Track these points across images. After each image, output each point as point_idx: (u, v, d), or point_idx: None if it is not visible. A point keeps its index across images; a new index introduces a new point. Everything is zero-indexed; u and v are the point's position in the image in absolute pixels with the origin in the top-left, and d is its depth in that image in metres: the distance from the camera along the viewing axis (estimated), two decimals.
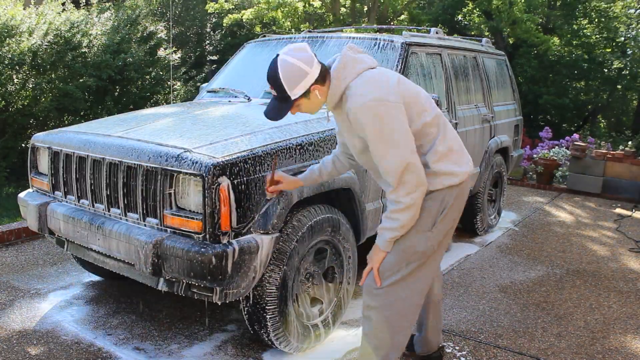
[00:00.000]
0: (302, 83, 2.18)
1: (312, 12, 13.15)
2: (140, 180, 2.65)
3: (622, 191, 7.31)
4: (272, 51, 4.32)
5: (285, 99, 2.22)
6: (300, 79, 2.18)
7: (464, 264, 4.53)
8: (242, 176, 2.53)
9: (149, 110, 3.84)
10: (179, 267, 2.48)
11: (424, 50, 4.13)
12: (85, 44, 7.21)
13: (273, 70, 2.19)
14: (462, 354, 3.06)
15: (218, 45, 13.39)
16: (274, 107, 2.27)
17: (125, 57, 7.60)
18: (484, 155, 5.04)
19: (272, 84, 2.21)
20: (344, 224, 3.10)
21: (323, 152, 3.01)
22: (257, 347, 3.03)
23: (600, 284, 4.24)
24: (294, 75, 2.17)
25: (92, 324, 3.23)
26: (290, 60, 2.18)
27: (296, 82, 2.18)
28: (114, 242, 2.71)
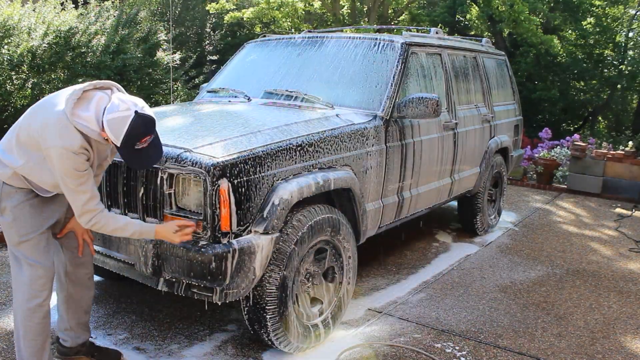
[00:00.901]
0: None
1: (313, 11, 13.15)
2: (140, 180, 2.65)
3: (622, 191, 7.31)
4: (272, 51, 4.32)
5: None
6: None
7: (464, 264, 4.53)
8: (243, 176, 2.53)
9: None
10: (178, 267, 2.48)
11: (424, 50, 4.13)
12: (85, 44, 7.21)
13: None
14: (462, 354, 3.06)
15: (218, 45, 13.39)
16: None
17: (125, 58, 7.60)
18: (484, 155, 5.04)
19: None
20: (344, 224, 3.10)
21: (323, 152, 3.01)
22: (257, 347, 3.03)
23: (600, 284, 4.24)
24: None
25: (92, 324, 3.23)
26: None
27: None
28: (114, 242, 2.71)
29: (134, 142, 2.20)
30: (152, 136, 2.24)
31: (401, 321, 3.42)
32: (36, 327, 2.44)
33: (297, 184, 2.75)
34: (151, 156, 2.28)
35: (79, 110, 2.22)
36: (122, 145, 2.19)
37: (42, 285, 2.42)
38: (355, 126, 3.31)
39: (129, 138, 2.17)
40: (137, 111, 2.18)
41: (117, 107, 2.18)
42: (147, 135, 2.21)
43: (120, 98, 2.22)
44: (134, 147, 2.21)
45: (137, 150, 2.23)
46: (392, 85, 3.64)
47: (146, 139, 2.22)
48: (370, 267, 4.34)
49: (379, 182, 3.51)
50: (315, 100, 3.64)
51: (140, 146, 2.22)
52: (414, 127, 3.81)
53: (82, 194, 2.25)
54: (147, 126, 2.20)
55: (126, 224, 2.36)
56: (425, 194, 4.07)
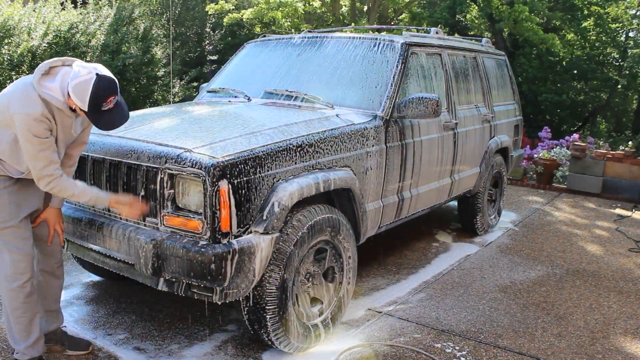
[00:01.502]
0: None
1: (312, 11, 13.14)
2: (140, 180, 2.65)
3: (622, 191, 7.31)
4: (272, 51, 4.32)
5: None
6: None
7: (464, 264, 4.53)
8: (243, 176, 2.53)
9: (148, 110, 3.84)
10: (179, 267, 2.49)
11: (424, 50, 4.13)
12: (84, 44, 7.21)
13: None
14: (462, 354, 3.06)
15: (218, 45, 13.39)
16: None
17: (124, 58, 7.60)
18: (484, 155, 5.04)
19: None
20: (344, 224, 3.10)
21: (323, 152, 3.01)
22: (257, 347, 3.03)
23: (600, 284, 4.24)
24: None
25: (92, 324, 3.23)
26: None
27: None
28: (114, 242, 2.71)
29: (100, 102, 2.32)
30: (115, 97, 2.37)
31: (401, 321, 3.42)
32: (22, 306, 2.58)
33: (297, 184, 2.75)
34: (118, 117, 2.43)
35: (45, 81, 2.38)
36: (89, 108, 2.33)
37: (23, 268, 2.56)
38: (355, 126, 3.31)
39: (94, 99, 2.30)
40: (98, 73, 2.32)
41: (79, 73, 2.33)
42: (111, 96, 2.34)
43: (81, 64, 2.38)
44: (101, 108, 2.34)
45: (104, 111, 2.36)
46: (392, 86, 3.64)
47: (110, 99, 2.34)
48: (370, 267, 4.34)
49: (379, 182, 3.51)
50: (315, 100, 3.64)
51: (106, 107, 2.35)
52: (414, 127, 3.81)
53: (40, 160, 2.37)
54: (109, 86, 2.33)
55: (83, 191, 2.51)
56: (425, 194, 4.07)
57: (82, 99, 2.30)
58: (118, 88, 2.39)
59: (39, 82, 2.36)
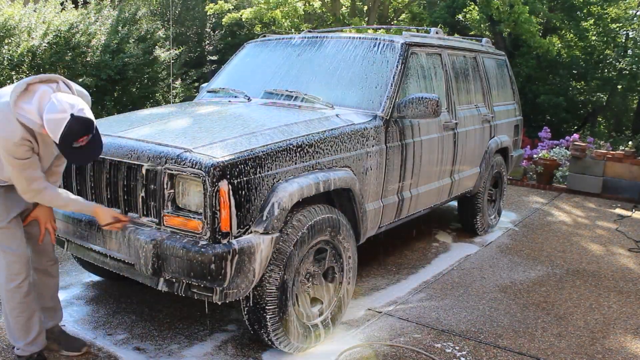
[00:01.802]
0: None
1: (312, 11, 13.14)
2: (140, 180, 2.65)
3: (622, 191, 7.31)
4: (272, 51, 4.32)
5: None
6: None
7: (464, 264, 4.53)
8: (243, 176, 2.53)
9: (148, 110, 3.84)
10: (179, 267, 2.49)
11: (424, 50, 4.13)
12: (85, 44, 7.21)
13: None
14: (462, 354, 3.06)
15: (218, 45, 13.39)
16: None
17: (124, 57, 7.60)
18: (484, 156, 5.04)
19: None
20: (344, 224, 3.10)
21: (323, 152, 3.01)
22: (257, 347, 3.03)
23: (600, 284, 4.24)
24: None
25: (92, 324, 3.23)
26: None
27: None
28: (114, 242, 2.71)
29: (71, 141, 2.29)
30: (89, 136, 2.33)
31: (401, 321, 3.42)
32: (19, 306, 2.62)
33: (297, 184, 2.75)
34: (89, 154, 2.40)
35: (23, 102, 2.32)
36: (60, 143, 2.29)
37: (18, 269, 2.58)
38: (355, 126, 3.31)
39: (65, 138, 2.27)
40: (72, 114, 2.26)
41: (55, 107, 2.26)
42: (84, 136, 2.30)
43: (58, 99, 2.29)
44: (72, 145, 2.31)
45: (75, 148, 2.33)
46: (392, 86, 3.64)
47: (83, 138, 2.31)
48: (370, 267, 4.34)
49: (379, 182, 3.51)
50: (315, 100, 3.64)
51: (78, 145, 2.32)
52: (414, 127, 3.81)
53: (23, 180, 2.41)
54: (83, 128, 2.29)
55: (67, 202, 2.55)
56: (425, 194, 4.07)
57: (54, 135, 2.28)
58: (94, 127, 2.34)
59: (17, 104, 2.30)
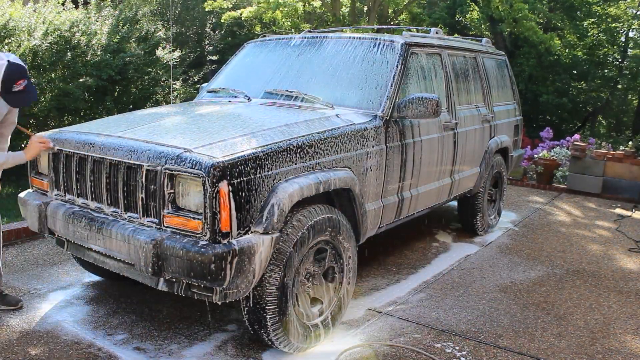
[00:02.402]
0: None
1: (312, 11, 13.13)
2: (140, 180, 2.65)
3: (622, 191, 7.31)
4: (272, 51, 4.32)
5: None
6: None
7: (464, 264, 4.54)
8: (242, 176, 2.53)
9: (149, 110, 3.84)
10: (179, 267, 2.49)
11: (424, 50, 4.13)
12: (85, 43, 7.21)
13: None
14: (462, 354, 3.06)
15: (218, 45, 13.39)
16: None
17: (125, 57, 7.60)
18: (484, 156, 5.04)
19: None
20: (344, 224, 3.10)
21: (323, 152, 3.01)
22: (257, 347, 3.03)
23: (600, 284, 4.24)
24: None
25: (92, 324, 3.23)
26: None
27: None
28: (114, 242, 2.71)
29: (11, 85, 2.87)
30: (25, 80, 2.90)
31: (401, 321, 3.42)
32: None
33: (297, 184, 2.75)
34: (27, 97, 2.97)
35: None
36: (2, 89, 2.86)
37: None
38: (355, 126, 3.31)
39: (5, 81, 2.85)
40: (9, 60, 2.86)
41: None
42: (21, 79, 2.88)
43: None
44: (12, 89, 2.88)
45: (15, 92, 2.91)
46: (392, 86, 3.64)
47: (20, 82, 2.89)
48: (370, 267, 4.34)
49: (379, 183, 3.51)
50: (315, 100, 3.64)
51: (17, 88, 2.89)
52: (414, 127, 3.81)
53: None
54: (18, 71, 2.88)
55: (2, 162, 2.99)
56: (425, 194, 4.07)
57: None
58: (27, 73, 2.93)
59: None
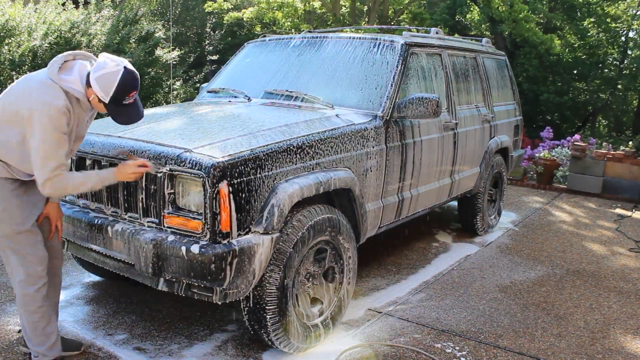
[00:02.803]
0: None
1: (312, 10, 13.13)
2: (140, 180, 2.65)
3: (622, 191, 7.31)
4: (272, 51, 4.33)
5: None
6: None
7: (464, 264, 4.54)
8: (243, 177, 2.53)
9: (149, 110, 3.84)
10: (179, 268, 2.49)
11: (424, 50, 4.13)
12: (85, 44, 7.21)
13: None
14: (462, 354, 3.06)
15: (218, 45, 13.39)
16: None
17: (125, 57, 7.60)
18: (484, 156, 5.04)
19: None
20: (344, 224, 3.10)
21: (323, 153, 3.01)
22: (257, 347, 3.03)
23: (600, 284, 4.24)
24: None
25: (92, 324, 3.23)
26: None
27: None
28: (114, 243, 2.71)
29: (123, 96, 2.34)
30: (136, 92, 2.40)
31: (401, 321, 3.42)
32: (39, 310, 2.55)
33: (297, 184, 2.75)
34: (136, 113, 2.45)
35: (63, 74, 2.36)
36: (112, 100, 2.33)
37: (39, 273, 2.54)
38: (355, 126, 3.31)
39: (119, 92, 2.32)
40: (126, 67, 2.34)
41: (106, 63, 2.32)
42: (134, 90, 2.38)
43: (107, 56, 2.37)
44: (122, 102, 2.36)
45: (124, 105, 2.38)
46: (392, 86, 3.64)
47: (133, 93, 2.38)
48: (370, 267, 4.34)
49: (379, 183, 3.51)
50: (315, 100, 3.64)
51: (128, 101, 2.38)
52: (414, 127, 3.81)
53: (54, 159, 2.30)
54: (135, 81, 2.37)
55: (86, 179, 2.44)
56: (425, 194, 4.07)
57: (106, 91, 2.31)
58: (139, 83, 2.43)
59: (58, 77, 2.33)
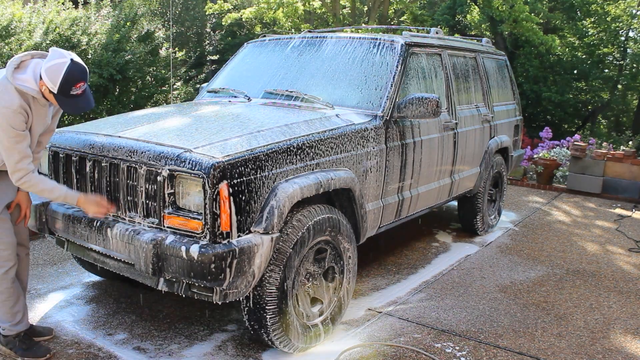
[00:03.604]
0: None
1: (312, 11, 13.13)
2: (140, 180, 2.66)
3: (622, 191, 7.31)
4: (272, 51, 4.33)
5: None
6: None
7: (464, 264, 4.54)
8: (243, 177, 2.53)
9: (149, 110, 3.84)
10: (179, 268, 2.49)
11: (424, 50, 4.13)
12: (85, 42, 7.21)
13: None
14: (462, 354, 3.06)
15: (218, 45, 13.40)
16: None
17: (125, 55, 7.60)
18: (483, 156, 5.04)
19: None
20: (344, 224, 3.10)
21: (323, 152, 3.01)
22: (257, 347, 3.03)
23: (600, 284, 4.24)
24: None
25: (92, 324, 3.23)
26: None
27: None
28: (114, 242, 2.71)
29: (70, 87, 2.46)
30: (84, 83, 2.52)
31: (401, 321, 3.42)
32: (7, 291, 2.75)
33: (297, 184, 2.75)
34: (84, 103, 2.58)
35: (18, 74, 2.52)
36: (59, 90, 2.46)
37: (7, 256, 2.72)
38: (355, 126, 3.31)
39: (65, 82, 2.44)
40: (72, 59, 2.47)
41: (54, 57, 2.47)
42: (81, 82, 2.49)
43: (57, 50, 2.51)
44: (70, 92, 2.48)
45: (72, 96, 2.50)
46: (392, 86, 3.64)
47: (80, 84, 2.49)
48: (370, 267, 4.34)
49: (379, 182, 3.51)
50: (315, 100, 3.64)
51: (75, 92, 2.50)
52: (414, 127, 3.81)
53: (16, 153, 2.50)
54: (81, 73, 2.49)
55: (53, 188, 2.65)
56: (425, 194, 4.07)
57: (54, 81, 2.43)
58: (88, 76, 2.55)
59: (13, 76, 2.49)
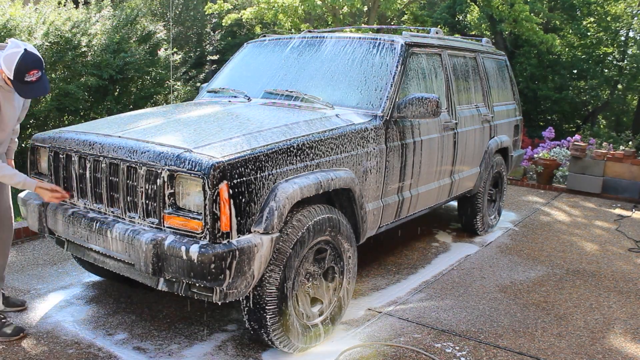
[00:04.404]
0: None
1: (312, 10, 13.12)
2: (140, 180, 2.66)
3: (622, 191, 7.31)
4: (272, 51, 4.33)
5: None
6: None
7: (464, 264, 4.54)
8: (242, 177, 2.53)
9: (149, 110, 3.84)
10: (179, 268, 2.49)
11: (424, 50, 4.13)
12: (85, 43, 7.21)
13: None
14: (462, 354, 3.06)
15: (218, 45, 13.40)
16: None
17: (125, 57, 7.60)
18: (483, 156, 5.04)
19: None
20: (343, 224, 3.10)
21: (323, 152, 3.01)
22: (257, 347, 3.04)
23: (600, 284, 4.24)
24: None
25: (92, 324, 3.23)
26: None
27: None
28: (114, 242, 2.71)
29: (24, 74, 2.72)
30: (39, 71, 2.76)
31: (401, 321, 3.42)
32: None
33: (297, 184, 2.75)
34: (38, 89, 2.82)
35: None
36: (14, 76, 2.72)
37: None
38: (355, 126, 3.31)
39: (19, 70, 2.71)
40: (26, 49, 2.73)
41: (11, 45, 2.74)
42: (34, 69, 2.74)
43: (14, 40, 2.78)
44: (24, 79, 2.73)
45: (26, 82, 2.76)
46: (392, 86, 3.64)
47: (33, 72, 2.74)
48: (370, 267, 4.34)
49: (379, 182, 3.51)
50: (315, 100, 3.65)
51: (29, 79, 2.75)
52: (414, 127, 3.81)
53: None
54: (34, 61, 2.74)
55: (14, 174, 2.88)
56: (425, 194, 4.07)
57: (9, 68, 2.70)
58: (43, 65, 2.78)
59: None
